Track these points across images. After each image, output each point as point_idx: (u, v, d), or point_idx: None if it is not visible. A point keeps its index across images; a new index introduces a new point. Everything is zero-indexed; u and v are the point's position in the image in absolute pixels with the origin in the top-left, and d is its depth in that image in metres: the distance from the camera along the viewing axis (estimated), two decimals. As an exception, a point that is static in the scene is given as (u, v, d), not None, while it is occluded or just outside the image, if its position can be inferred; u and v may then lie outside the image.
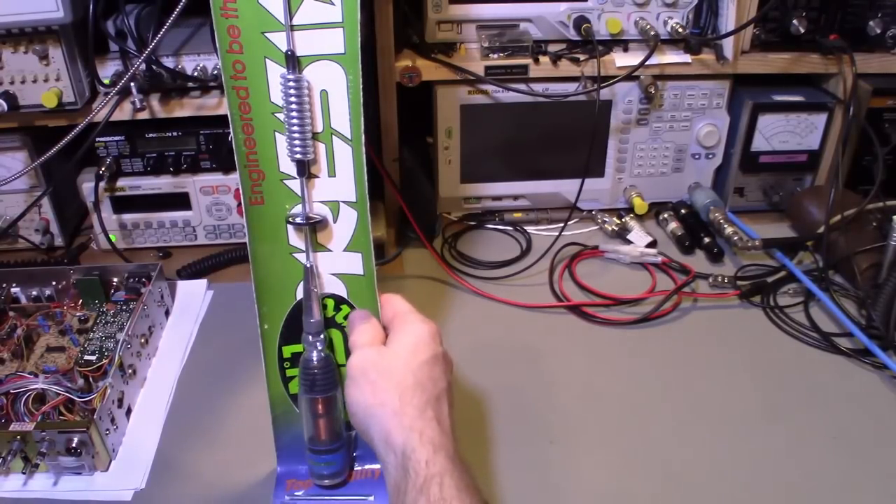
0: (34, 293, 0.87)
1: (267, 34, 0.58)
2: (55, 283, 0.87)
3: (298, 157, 0.60)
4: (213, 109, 0.94)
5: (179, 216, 1.01)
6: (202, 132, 0.96)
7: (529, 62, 0.98)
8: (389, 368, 0.59)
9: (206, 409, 0.78)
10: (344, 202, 0.63)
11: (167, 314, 0.90)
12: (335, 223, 0.63)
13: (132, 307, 0.84)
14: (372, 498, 0.67)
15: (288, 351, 0.66)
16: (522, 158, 1.06)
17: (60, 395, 0.72)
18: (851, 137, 1.01)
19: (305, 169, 0.61)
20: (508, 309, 0.92)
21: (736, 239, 0.98)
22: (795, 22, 0.95)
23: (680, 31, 0.96)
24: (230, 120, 0.60)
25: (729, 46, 0.98)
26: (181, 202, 1.00)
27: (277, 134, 0.60)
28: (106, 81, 0.91)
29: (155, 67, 0.90)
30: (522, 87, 0.98)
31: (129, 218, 1.01)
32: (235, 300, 0.91)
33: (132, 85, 0.89)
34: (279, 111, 0.59)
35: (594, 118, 1.00)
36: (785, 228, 1.06)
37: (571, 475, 0.70)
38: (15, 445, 0.66)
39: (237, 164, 0.61)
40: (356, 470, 0.69)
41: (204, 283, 0.96)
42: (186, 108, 0.94)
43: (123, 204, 1.00)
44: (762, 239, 0.98)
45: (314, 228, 0.63)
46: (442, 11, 0.96)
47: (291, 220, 0.62)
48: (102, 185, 0.96)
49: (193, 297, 0.93)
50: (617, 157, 1.07)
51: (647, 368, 0.83)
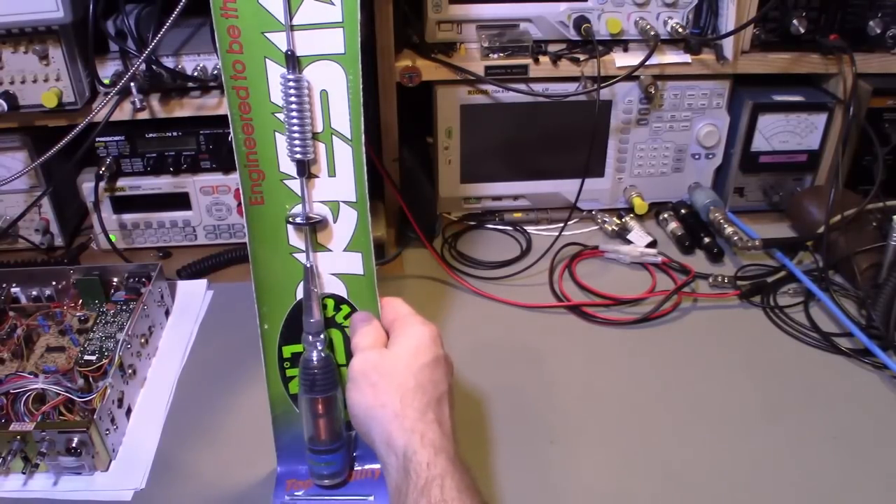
0: (34, 293, 0.87)
1: (267, 34, 0.58)
2: (55, 283, 0.87)
3: (298, 157, 0.60)
4: (213, 109, 0.94)
5: (179, 216, 1.01)
6: (202, 132, 0.96)
7: (529, 62, 0.98)
8: (390, 371, 0.59)
9: (206, 409, 0.78)
10: (344, 202, 0.63)
11: (167, 314, 0.90)
12: (335, 223, 0.63)
13: (132, 307, 0.84)
14: (372, 498, 0.67)
15: (288, 351, 0.66)
16: (522, 158, 1.06)
17: (60, 395, 0.72)
18: (851, 137, 1.01)
19: (305, 169, 0.61)
20: (508, 309, 0.92)
21: (736, 239, 0.98)
22: (795, 22, 0.95)
23: (680, 31, 0.96)
24: (230, 120, 0.60)
25: (729, 46, 0.98)
26: (181, 202, 1.00)
27: (277, 134, 0.60)
28: (106, 81, 0.91)
29: (155, 67, 0.90)
30: (522, 87, 0.98)
31: (129, 218, 1.01)
32: (235, 300, 0.91)
33: (132, 85, 0.89)
34: (279, 111, 0.59)
35: (594, 118, 1.00)
36: (785, 228, 1.06)
37: (571, 475, 0.70)
38: (15, 445, 0.66)
39: (237, 164, 0.61)
40: (356, 470, 0.69)
41: (204, 283, 0.96)
42: (186, 108, 0.94)
43: (123, 204, 1.00)
44: (762, 239, 0.98)
45: (314, 228, 0.63)
46: (442, 11, 0.96)
47: (291, 220, 0.62)
48: (102, 185, 0.96)
49: (193, 297, 0.93)
50: (617, 157, 1.07)
51: (647, 368, 0.83)
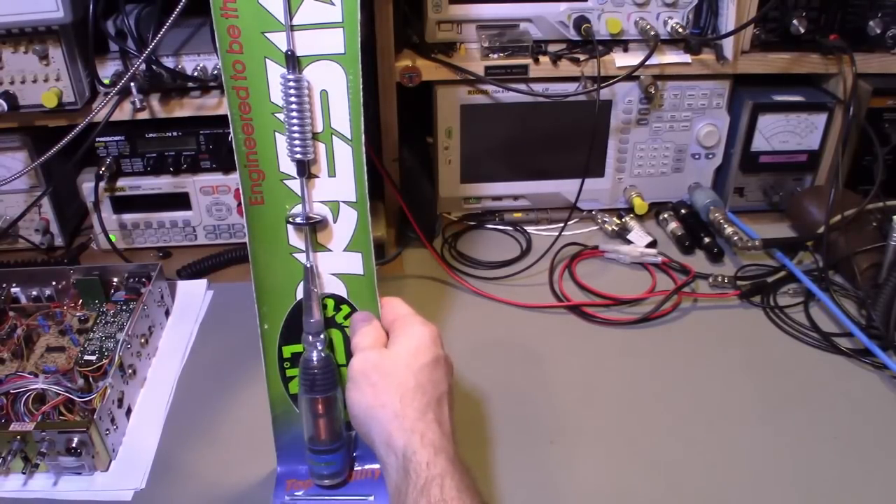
0: (34, 293, 0.87)
1: (267, 34, 0.58)
2: (55, 283, 0.87)
3: (298, 157, 0.60)
4: (213, 109, 0.94)
5: (179, 216, 1.01)
6: (202, 132, 0.96)
7: (529, 62, 0.98)
8: (390, 371, 0.59)
9: (206, 409, 0.78)
10: (344, 202, 0.63)
11: (167, 314, 0.90)
12: (335, 223, 0.63)
13: (132, 307, 0.84)
14: (372, 498, 0.67)
15: (288, 351, 0.66)
16: (522, 158, 1.06)
17: (60, 395, 0.72)
18: (851, 137, 1.01)
19: (305, 169, 0.61)
20: (508, 309, 0.92)
21: (736, 239, 0.98)
22: (795, 22, 0.95)
23: (680, 31, 0.96)
24: (230, 120, 0.60)
25: (729, 46, 0.98)
26: (181, 202, 1.00)
27: (277, 134, 0.60)
28: (106, 81, 0.91)
29: (155, 67, 0.90)
30: (522, 87, 0.98)
31: (129, 218, 1.01)
32: (235, 300, 0.91)
33: (132, 85, 0.89)
34: (279, 111, 0.59)
35: (594, 118, 1.00)
36: (785, 228, 1.06)
37: (571, 475, 0.70)
38: (15, 445, 0.66)
39: (237, 164, 0.61)
40: (356, 470, 0.69)
41: (204, 283, 0.96)
42: (186, 108, 0.94)
43: (123, 204, 1.00)
44: (762, 239, 0.98)
45: (314, 228, 0.63)
46: (442, 11, 0.96)
47: (291, 220, 0.62)
48: (102, 185, 0.96)
49: (193, 297, 0.93)
50: (617, 157, 1.07)
51: (647, 368, 0.83)
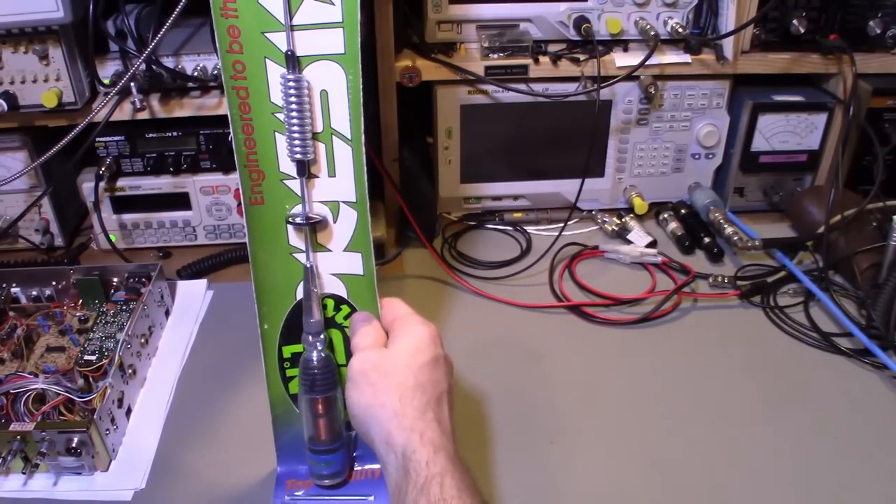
0: (34, 293, 0.87)
1: (267, 34, 0.58)
2: (55, 283, 0.87)
3: (298, 157, 0.60)
4: (213, 109, 0.94)
5: (179, 216, 1.01)
6: (202, 132, 0.96)
7: (529, 62, 0.98)
8: (390, 370, 0.59)
9: (206, 409, 0.78)
10: (344, 202, 0.63)
11: (167, 314, 0.90)
12: (335, 223, 0.63)
13: (132, 307, 0.84)
14: (372, 498, 0.67)
15: (288, 351, 0.66)
16: (522, 158, 1.06)
17: (60, 395, 0.72)
18: (851, 137, 1.01)
19: (305, 169, 0.61)
20: (508, 309, 0.92)
21: (736, 239, 0.98)
22: (795, 22, 0.95)
23: (680, 31, 0.96)
24: (230, 120, 0.60)
25: (729, 46, 0.98)
26: (181, 202, 1.00)
27: (277, 134, 0.60)
28: (106, 81, 0.91)
29: (155, 67, 0.90)
30: (522, 87, 0.98)
31: (129, 218, 1.01)
32: (235, 300, 0.91)
33: (132, 85, 0.89)
34: (279, 111, 0.60)
35: (594, 118, 1.00)
36: (785, 228, 1.06)
37: (571, 475, 0.70)
38: (15, 445, 0.66)
39: (237, 164, 0.61)
40: (356, 470, 0.69)
41: (204, 283, 0.96)
42: (186, 108, 0.94)
43: (123, 204, 1.00)
44: (762, 239, 0.98)
45: (314, 228, 0.63)
46: (442, 11, 0.96)
47: (291, 220, 0.62)
48: (102, 185, 0.96)
49: (193, 297, 0.93)
50: (617, 157, 1.07)
51: (647, 368, 0.83)
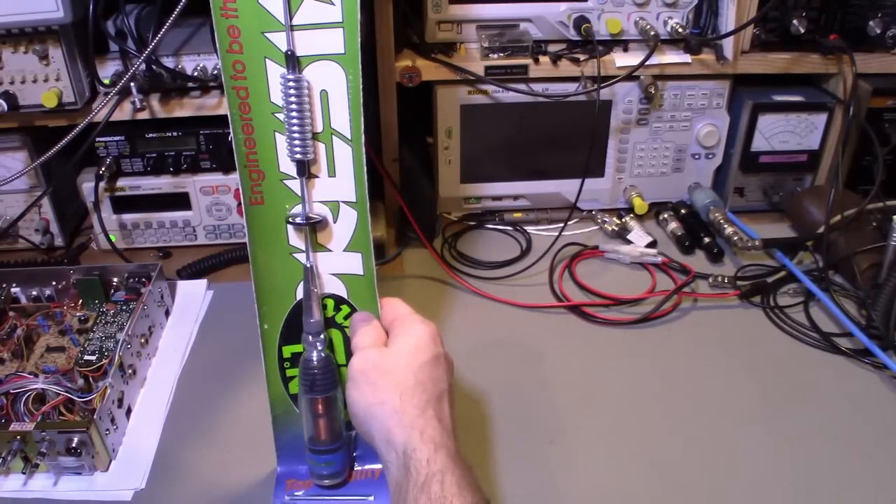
0: (34, 293, 0.87)
1: (267, 34, 0.58)
2: (55, 283, 0.87)
3: (298, 157, 0.60)
4: (213, 109, 0.94)
5: (179, 216, 1.01)
6: (202, 132, 0.96)
7: (529, 62, 0.98)
8: (390, 369, 0.59)
9: (206, 409, 0.78)
10: (344, 202, 0.63)
11: (167, 314, 0.90)
12: (335, 223, 0.63)
13: (132, 307, 0.84)
14: (372, 498, 0.67)
15: (288, 351, 0.66)
16: (522, 158, 1.06)
17: (60, 395, 0.72)
18: (851, 137, 1.01)
19: (305, 169, 0.61)
20: (508, 309, 0.92)
21: (736, 239, 0.98)
22: (795, 22, 0.95)
23: (680, 31, 0.96)
24: (230, 120, 0.60)
25: (729, 46, 0.98)
26: (181, 202, 1.00)
27: (277, 134, 0.60)
28: (106, 81, 0.91)
29: (155, 67, 0.90)
30: (522, 87, 0.98)
31: (129, 218, 1.01)
32: (235, 300, 0.91)
33: (132, 85, 0.89)
34: (279, 111, 0.59)
35: (594, 118, 1.00)
36: (785, 228, 1.06)
37: (571, 475, 0.70)
38: (15, 445, 0.66)
39: (237, 164, 0.61)
40: (356, 470, 0.69)
41: (204, 283, 0.96)
42: (186, 108, 0.94)
43: (123, 204, 1.00)
44: (762, 239, 0.98)
45: (314, 228, 0.63)
46: (442, 11, 0.96)
47: (291, 220, 0.62)
48: (102, 185, 0.96)
49: (193, 297, 0.93)
50: (617, 157, 1.07)
51: (646, 368, 0.83)
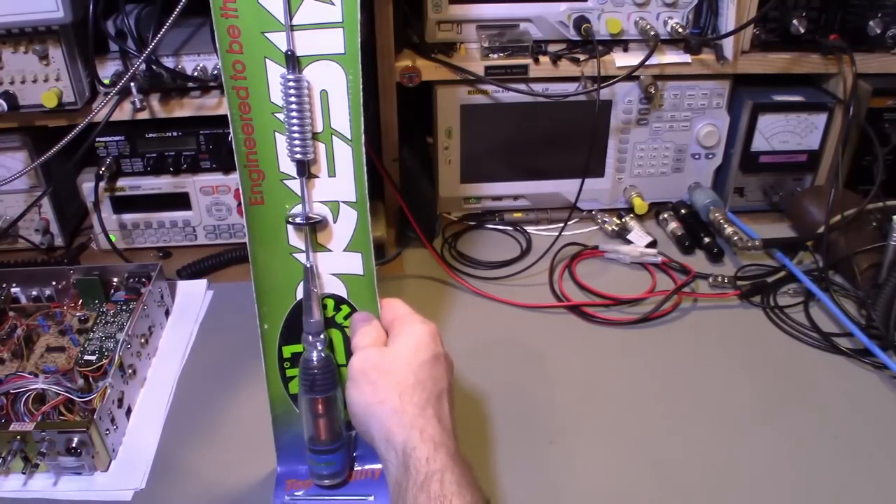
0: (34, 293, 0.87)
1: (267, 34, 0.58)
2: (55, 283, 0.87)
3: (298, 157, 0.60)
4: (213, 109, 0.94)
5: (179, 216, 1.01)
6: (202, 132, 0.96)
7: (529, 62, 0.98)
8: (390, 368, 0.59)
9: (206, 409, 0.78)
10: (344, 202, 0.63)
11: (167, 314, 0.90)
12: (335, 223, 0.63)
13: (132, 307, 0.84)
14: (372, 498, 0.67)
15: (288, 351, 0.66)
16: (522, 158, 1.06)
17: (60, 395, 0.72)
18: (851, 137, 1.01)
19: (305, 169, 0.61)
20: (508, 309, 0.92)
21: (736, 239, 0.98)
22: (795, 22, 0.95)
23: (680, 31, 0.96)
24: (230, 120, 0.60)
25: (729, 46, 0.98)
26: (181, 202, 1.00)
27: (277, 134, 0.60)
28: (106, 81, 0.91)
29: (155, 67, 0.90)
30: (522, 87, 0.98)
31: (129, 218, 1.01)
32: (235, 300, 0.91)
33: (132, 85, 0.89)
34: (279, 111, 0.59)
35: (594, 118, 1.00)
36: (785, 228, 1.06)
37: (571, 475, 0.70)
38: (15, 445, 0.66)
39: (237, 164, 0.61)
40: (356, 470, 0.69)
41: (204, 283, 0.96)
42: (186, 108, 0.94)
43: (123, 204, 1.00)
44: (762, 239, 0.98)
45: (314, 228, 0.63)
46: (442, 11, 0.96)
47: (291, 220, 0.62)
48: (102, 185, 0.96)
49: (193, 297, 0.93)
50: (617, 157, 1.07)
51: (646, 368, 0.83)
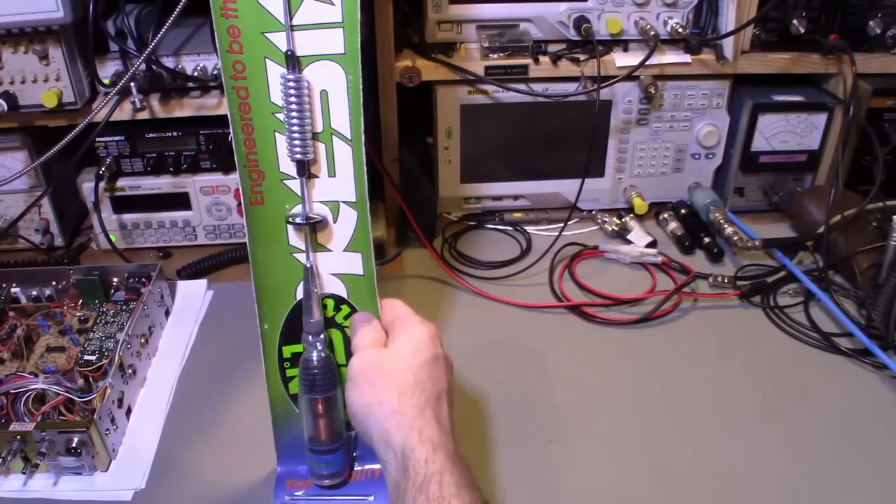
0: (34, 293, 0.87)
1: (267, 34, 0.58)
2: (55, 283, 0.87)
3: (298, 157, 0.60)
4: (213, 109, 0.94)
5: (179, 216, 1.01)
6: (202, 132, 0.96)
7: (529, 62, 0.98)
8: (389, 369, 0.59)
9: (206, 409, 0.78)
10: (344, 202, 0.63)
11: (167, 314, 0.90)
12: (335, 223, 0.63)
13: (132, 307, 0.84)
14: (372, 498, 0.67)
15: (288, 351, 0.66)
16: (522, 158, 1.06)
17: (60, 395, 0.72)
18: (851, 137, 1.01)
19: (305, 169, 0.61)
20: (508, 309, 0.92)
21: (736, 239, 0.98)
22: (795, 22, 0.95)
23: (680, 31, 0.96)
24: (230, 120, 0.60)
25: (729, 46, 0.98)
26: (181, 202, 1.00)
27: (277, 134, 0.60)
28: (106, 81, 0.91)
29: (155, 67, 0.90)
30: (522, 87, 0.98)
31: (129, 218, 1.01)
32: (235, 300, 0.91)
33: (132, 85, 0.89)
34: (279, 111, 0.60)
35: (594, 118, 1.00)
36: (785, 228, 1.06)
37: (571, 475, 0.70)
38: (15, 445, 0.66)
39: (237, 164, 0.61)
40: (356, 470, 0.69)
41: (204, 283, 0.96)
42: (186, 108, 0.94)
43: (123, 204, 1.00)
44: (762, 239, 0.98)
45: (314, 228, 0.63)
46: (442, 11, 0.96)
47: (291, 220, 0.62)
48: (102, 185, 0.96)
49: (193, 297, 0.93)
50: (617, 157, 1.07)
51: (646, 368, 0.83)
